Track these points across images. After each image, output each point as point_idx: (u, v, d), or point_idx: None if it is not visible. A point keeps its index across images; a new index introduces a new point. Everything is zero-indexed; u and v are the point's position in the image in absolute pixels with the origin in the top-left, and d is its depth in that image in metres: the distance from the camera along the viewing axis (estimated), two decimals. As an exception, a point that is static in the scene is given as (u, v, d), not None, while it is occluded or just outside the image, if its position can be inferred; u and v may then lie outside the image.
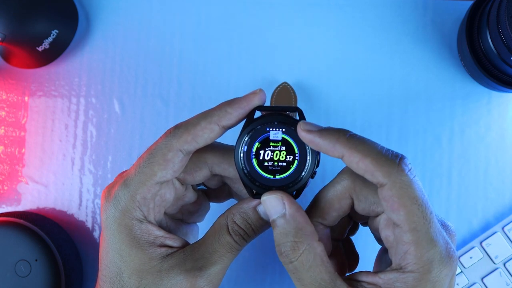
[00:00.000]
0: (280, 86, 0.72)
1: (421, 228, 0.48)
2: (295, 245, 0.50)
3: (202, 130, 0.52)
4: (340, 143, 0.50)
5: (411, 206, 0.48)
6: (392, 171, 0.48)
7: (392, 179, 0.48)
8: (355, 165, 0.49)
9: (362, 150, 0.49)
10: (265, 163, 0.52)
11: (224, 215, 0.55)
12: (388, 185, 0.48)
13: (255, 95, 0.53)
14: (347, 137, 0.50)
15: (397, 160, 0.49)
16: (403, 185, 0.48)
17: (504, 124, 0.73)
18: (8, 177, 0.76)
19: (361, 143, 0.49)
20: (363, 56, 0.74)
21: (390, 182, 0.48)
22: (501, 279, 0.70)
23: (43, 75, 0.76)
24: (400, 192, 0.48)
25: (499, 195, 0.72)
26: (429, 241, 0.48)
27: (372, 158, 0.49)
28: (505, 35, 0.60)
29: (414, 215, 0.48)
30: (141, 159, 0.53)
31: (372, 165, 0.48)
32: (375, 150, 0.49)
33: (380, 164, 0.48)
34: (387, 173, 0.48)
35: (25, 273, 0.68)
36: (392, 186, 0.48)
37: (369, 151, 0.49)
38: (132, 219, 0.53)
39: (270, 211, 0.52)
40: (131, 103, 0.75)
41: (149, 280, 0.53)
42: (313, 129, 0.51)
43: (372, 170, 0.48)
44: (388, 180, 0.48)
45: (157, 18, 0.76)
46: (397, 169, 0.48)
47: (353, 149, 0.49)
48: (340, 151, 0.50)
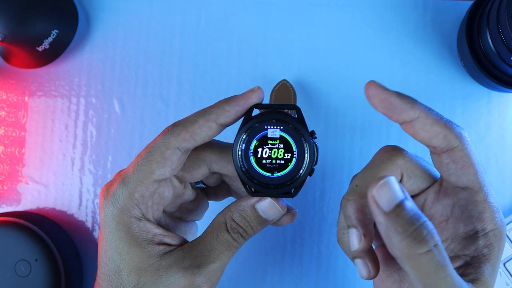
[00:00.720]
0: (280, 84, 0.72)
1: (488, 188, 0.52)
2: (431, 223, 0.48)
3: (200, 128, 0.52)
4: (417, 106, 0.51)
5: (478, 165, 0.51)
6: (462, 134, 0.51)
7: (463, 141, 0.51)
8: (428, 127, 0.51)
9: (435, 115, 0.51)
10: (263, 161, 0.52)
11: (222, 213, 0.55)
12: (459, 146, 0.51)
13: (253, 92, 0.53)
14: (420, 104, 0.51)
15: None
16: (470, 147, 0.51)
17: (504, 124, 0.73)
18: (8, 177, 0.76)
19: (431, 110, 0.51)
20: (363, 56, 0.74)
21: (461, 143, 0.51)
22: (501, 279, 0.70)
23: (43, 75, 0.76)
24: (470, 152, 0.51)
25: (499, 195, 0.72)
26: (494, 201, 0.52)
27: (445, 121, 0.51)
28: (505, 35, 0.60)
29: (482, 173, 0.52)
30: (139, 157, 0.54)
31: (446, 127, 0.51)
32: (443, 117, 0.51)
33: (452, 128, 0.51)
34: (459, 135, 0.51)
35: (25, 273, 0.68)
36: (463, 147, 0.51)
37: (440, 117, 0.51)
38: (130, 217, 0.53)
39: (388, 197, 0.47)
40: (131, 103, 0.75)
41: (148, 277, 0.53)
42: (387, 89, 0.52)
43: (445, 133, 0.51)
44: (460, 141, 0.51)
45: (157, 18, 0.76)
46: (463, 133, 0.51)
47: (428, 113, 0.51)
48: (417, 112, 0.51)
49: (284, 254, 0.73)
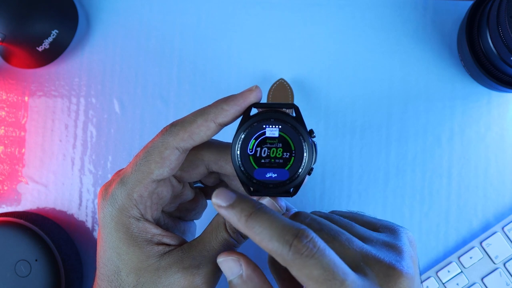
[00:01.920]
0: (277, 83, 0.72)
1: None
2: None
3: (199, 127, 0.52)
4: (241, 223, 0.48)
5: (314, 285, 0.46)
6: (286, 256, 0.46)
7: (288, 263, 0.46)
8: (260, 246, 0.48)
9: (259, 233, 0.47)
10: (262, 160, 0.52)
11: (221, 213, 0.55)
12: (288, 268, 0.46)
13: (251, 92, 0.53)
14: (247, 217, 0.48)
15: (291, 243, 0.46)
16: (299, 268, 0.46)
17: (504, 124, 0.73)
18: (8, 177, 0.76)
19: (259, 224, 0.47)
20: (363, 56, 0.74)
21: (288, 266, 0.46)
22: (501, 279, 0.70)
23: (43, 75, 0.76)
24: (298, 273, 0.46)
25: (499, 195, 0.72)
26: None
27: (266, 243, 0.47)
28: (505, 35, 0.60)
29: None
30: (137, 157, 0.53)
31: (269, 249, 0.47)
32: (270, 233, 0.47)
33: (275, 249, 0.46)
34: (281, 259, 0.46)
35: (25, 273, 0.68)
36: (290, 270, 0.46)
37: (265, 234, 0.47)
38: (129, 217, 0.53)
39: (226, 272, 0.51)
40: (131, 103, 0.75)
41: (147, 278, 0.53)
42: (221, 204, 0.49)
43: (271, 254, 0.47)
44: (285, 265, 0.46)
45: (157, 18, 0.76)
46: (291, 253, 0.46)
47: (251, 231, 0.47)
48: (242, 231, 0.48)
49: (284, 254, 0.73)
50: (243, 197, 0.49)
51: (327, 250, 0.46)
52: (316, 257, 0.46)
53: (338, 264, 0.46)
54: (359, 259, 0.48)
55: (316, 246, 0.46)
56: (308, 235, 0.46)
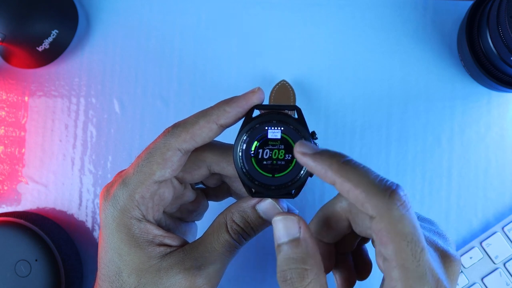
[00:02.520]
0: (279, 84, 0.72)
1: (410, 266, 0.45)
2: (304, 272, 0.48)
3: (201, 129, 0.52)
4: (332, 169, 0.47)
5: (400, 242, 0.45)
6: (382, 204, 0.45)
7: (381, 213, 0.45)
8: (345, 194, 0.47)
9: (353, 179, 0.46)
10: (264, 162, 0.52)
11: (223, 214, 0.55)
12: (377, 218, 0.46)
13: (254, 93, 0.53)
14: (340, 164, 0.47)
15: (389, 192, 0.46)
16: (392, 220, 0.45)
17: (504, 124, 0.73)
18: (8, 177, 0.76)
19: (354, 171, 0.47)
20: (363, 56, 0.74)
21: (379, 216, 0.45)
22: (501, 279, 0.70)
23: (43, 75, 0.76)
24: (388, 227, 0.45)
25: (499, 195, 0.72)
26: (417, 280, 0.45)
27: (362, 189, 0.46)
28: (505, 35, 0.60)
29: (403, 252, 0.45)
30: (139, 158, 0.53)
31: (362, 196, 0.46)
32: (367, 180, 0.46)
33: (370, 196, 0.46)
34: (375, 206, 0.45)
35: (25, 273, 0.68)
36: (381, 220, 0.45)
37: (361, 180, 0.46)
38: (131, 218, 0.53)
39: (281, 232, 0.49)
40: (131, 103, 0.75)
41: (148, 279, 0.53)
42: (307, 151, 0.49)
43: (362, 202, 0.46)
44: (377, 213, 0.45)
45: (157, 18, 0.76)
46: (387, 203, 0.45)
47: (344, 177, 0.47)
48: (331, 178, 0.47)
49: (284, 254, 0.73)
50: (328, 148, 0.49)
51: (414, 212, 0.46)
52: (410, 213, 0.46)
53: (421, 230, 0.46)
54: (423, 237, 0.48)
55: (410, 202, 0.46)
56: (404, 190, 0.46)
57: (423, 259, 0.46)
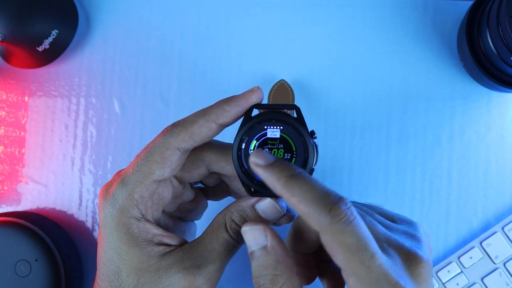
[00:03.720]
0: (278, 84, 0.72)
1: (360, 273, 0.46)
2: (275, 278, 0.49)
3: (200, 128, 0.52)
4: (280, 183, 0.48)
5: (345, 253, 0.46)
6: (322, 220, 0.46)
7: (323, 228, 0.46)
8: (293, 208, 0.48)
9: (298, 195, 0.47)
10: None
11: (222, 213, 0.55)
12: (321, 233, 0.46)
13: (253, 92, 0.53)
14: (287, 178, 0.48)
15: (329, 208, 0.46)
16: (334, 234, 0.46)
17: (504, 124, 0.73)
18: (8, 177, 0.76)
19: (299, 186, 0.47)
20: (363, 56, 0.74)
21: (321, 231, 0.46)
22: (501, 279, 0.70)
23: (43, 75, 0.76)
24: (332, 239, 0.46)
25: (499, 195, 0.72)
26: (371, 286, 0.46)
27: (305, 204, 0.46)
28: (505, 35, 0.60)
29: (351, 261, 0.46)
30: (138, 157, 0.53)
31: (305, 212, 0.47)
32: (310, 196, 0.47)
33: (312, 212, 0.46)
34: (317, 222, 0.46)
35: (25, 273, 0.68)
36: (324, 234, 0.46)
37: (304, 196, 0.47)
38: (130, 218, 0.53)
39: (250, 242, 0.51)
40: (131, 103, 0.75)
41: (148, 278, 0.53)
42: (260, 162, 0.49)
43: (306, 217, 0.47)
44: (319, 228, 0.46)
45: (157, 18, 0.76)
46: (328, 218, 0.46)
47: (290, 192, 0.47)
48: (279, 192, 0.48)
49: (284, 254, 0.73)
50: (282, 160, 0.50)
51: (362, 222, 0.47)
52: (353, 225, 0.46)
53: (370, 237, 0.46)
54: (382, 241, 0.49)
55: (353, 214, 0.46)
56: (347, 203, 0.47)
57: (374, 265, 0.46)
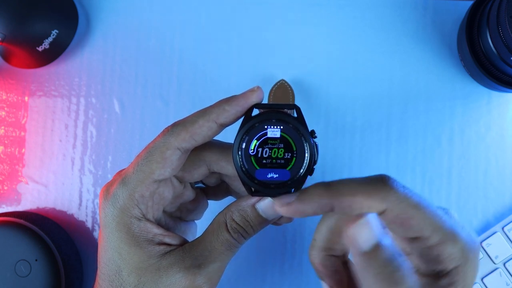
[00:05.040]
0: (278, 84, 0.72)
1: (439, 228, 0.46)
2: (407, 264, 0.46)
3: (200, 128, 0.52)
4: (324, 197, 0.47)
5: (418, 214, 0.46)
6: (385, 195, 0.46)
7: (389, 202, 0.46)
8: (348, 209, 0.47)
9: (347, 192, 0.47)
10: (263, 161, 0.52)
11: (222, 213, 0.55)
12: (388, 209, 0.46)
13: (253, 92, 0.53)
14: (325, 189, 0.48)
15: (382, 182, 0.47)
16: (401, 201, 0.46)
17: (504, 124, 0.73)
18: (8, 177, 0.76)
19: (342, 186, 0.47)
20: (363, 56, 0.74)
21: (389, 205, 0.46)
22: (501, 279, 0.70)
23: (43, 75, 0.76)
24: (401, 208, 0.46)
25: (499, 195, 0.72)
26: (452, 236, 0.46)
27: (360, 194, 0.47)
28: (505, 35, 0.60)
29: (426, 220, 0.46)
30: (139, 157, 0.54)
31: (365, 200, 0.46)
32: (358, 185, 0.47)
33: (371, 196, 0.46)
34: (381, 200, 0.46)
35: (25, 273, 0.68)
36: (392, 208, 0.46)
37: (354, 189, 0.47)
38: (130, 217, 0.53)
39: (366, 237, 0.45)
40: (131, 103, 0.75)
41: (148, 277, 0.53)
42: (289, 200, 0.49)
43: (367, 205, 0.46)
44: (386, 205, 0.46)
45: (157, 18, 0.76)
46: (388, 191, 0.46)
47: (339, 196, 0.47)
48: (328, 205, 0.47)
49: (284, 254, 0.73)
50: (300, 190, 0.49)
51: None
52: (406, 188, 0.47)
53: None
54: None
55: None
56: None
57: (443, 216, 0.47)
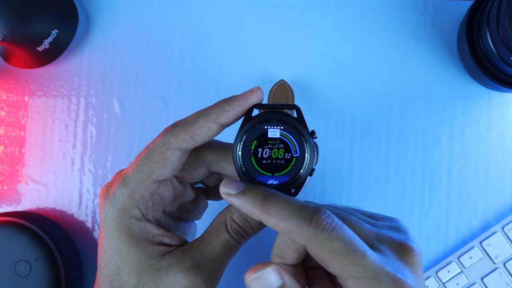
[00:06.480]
0: (277, 84, 0.72)
1: (356, 274, 0.46)
2: None
3: (200, 128, 0.52)
4: (255, 207, 0.48)
5: (337, 259, 0.46)
6: (306, 233, 0.47)
7: (309, 240, 0.47)
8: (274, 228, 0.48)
9: (276, 215, 0.48)
10: (264, 161, 0.52)
11: (222, 213, 0.55)
12: (307, 246, 0.47)
13: (253, 93, 0.53)
14: (262, 201, 0.48)
15: (309, 220, 0.47)
16: (320, 243, 0.46)
17: (504, 124, 0.73)
18: (8, 177, 0.76)
19: (275, 206, 0.48)
20: (363, 56, 0.74)
21: (308, 243, 0.47)
22: (501, 279, 0.70)
23: (43, 75, 0.76)
24: (320, 249, 0.46)
25: (499, 195, 0.72)
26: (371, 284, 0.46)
27: (285, 223, 0.47)
28: (505, 35, 0.60)
29: (344, 265, 0.46)
30: (139, 157, 0.53)
31: (287, 229, 0.47)
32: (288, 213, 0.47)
33: (293, 228, 0.47)
34: (302, 237, 0.47)
35: (25, 273, 0.68)
36: (311, 247, 0.47)
37: (283, 215, 0.47)
38: (130, 218, 0.53)
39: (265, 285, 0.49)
40: (131, 103, 0.75)
41: (148, 278, 0.53)
42: (231, 191, 0.50)
43: (289, 234, 0.47)
44: (306, 242, 0.47)
45: (157, 18, 0.76)
46: (310, 230, 0.46)
47: (267, 213, 0.48)
48: (257, 216, 0.48)
49: (284, 254, 0.73)
50: (252, 185, 0.50)
51: (344, 225, 0.47)
52: (336, 231, 0.47)
53: (357, 238, 0.47)
54: (372, 238, 0.49)
55: (334, 221, 0.47)
56: (326, 212, 0.47)
57: (368, 263, 0.46)
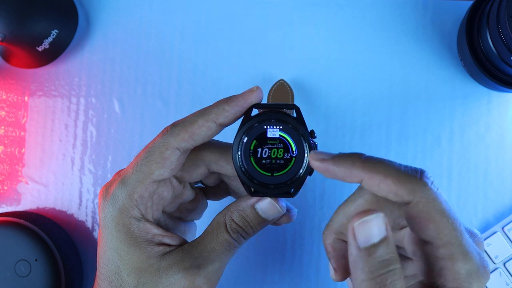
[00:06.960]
0: (277, 84, 0.72)
1: (455, 242, 0.45)
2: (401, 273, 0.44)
3: (199, 128, 0.52)
4: (356, 167, 0.47)
5: (441, 220, 0.45)
6: (416, 187, 0.45)
7: (417, 195, 0.45)
8: (376, 188, 0.46)
9: (381, 171, 0.46)
10: (263, 161, 0.52)
11: (222, 213, 0.55)
12: (413, 202, 0.45)
13: (252, 92, 0.53)
14: (362, 160, 0.47)
15: (418, 175, 0.46)
16: (429, 200, 0.45)
17: (504, 124, 0.73)
18: (8, 177, 0.76)
19: (379, 164, 0.47)
20: (363, 56, 0.74)
21: (416, 198, 0.45)
22: (501, 279, 0.70)
23: (43, 75, 0.76)
24: (427, 207, 0.45)
25: (499, 195, 0.72)
26: (464, 255, 0.45)
27: (392, 177, 0.46)
28: (505, 35, 0.60)
29: (445, 229, 0.45)
30: (138, 157, 0.54)
31: (394, 184, 0.46)
32: (394, 169, 0.46)
33: (402, 182, 0.45)
34: (411, 190, 0.45)
35: (25, 273, 0.68)
36: (418, 202, 0.45)
37: (388, 170, 0.46)
38: (130, 218, 0.53)
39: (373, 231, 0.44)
40: (131, 103, 0.75)
41: (148, 278, 0.53)
42: (325, 157, 0.48)
43: (395, 190, 0.46)
44: (413, 197, 0.45)
45: (157, 18, 0.76)
46: (420, 185, 0.45)
47: (372, 171, 0.46)
48: (358, 176, 0.47)
49: (284, 254, 0.73)
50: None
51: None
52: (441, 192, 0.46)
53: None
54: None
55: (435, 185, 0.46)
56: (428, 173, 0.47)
57: (464, 232, 0.46)
